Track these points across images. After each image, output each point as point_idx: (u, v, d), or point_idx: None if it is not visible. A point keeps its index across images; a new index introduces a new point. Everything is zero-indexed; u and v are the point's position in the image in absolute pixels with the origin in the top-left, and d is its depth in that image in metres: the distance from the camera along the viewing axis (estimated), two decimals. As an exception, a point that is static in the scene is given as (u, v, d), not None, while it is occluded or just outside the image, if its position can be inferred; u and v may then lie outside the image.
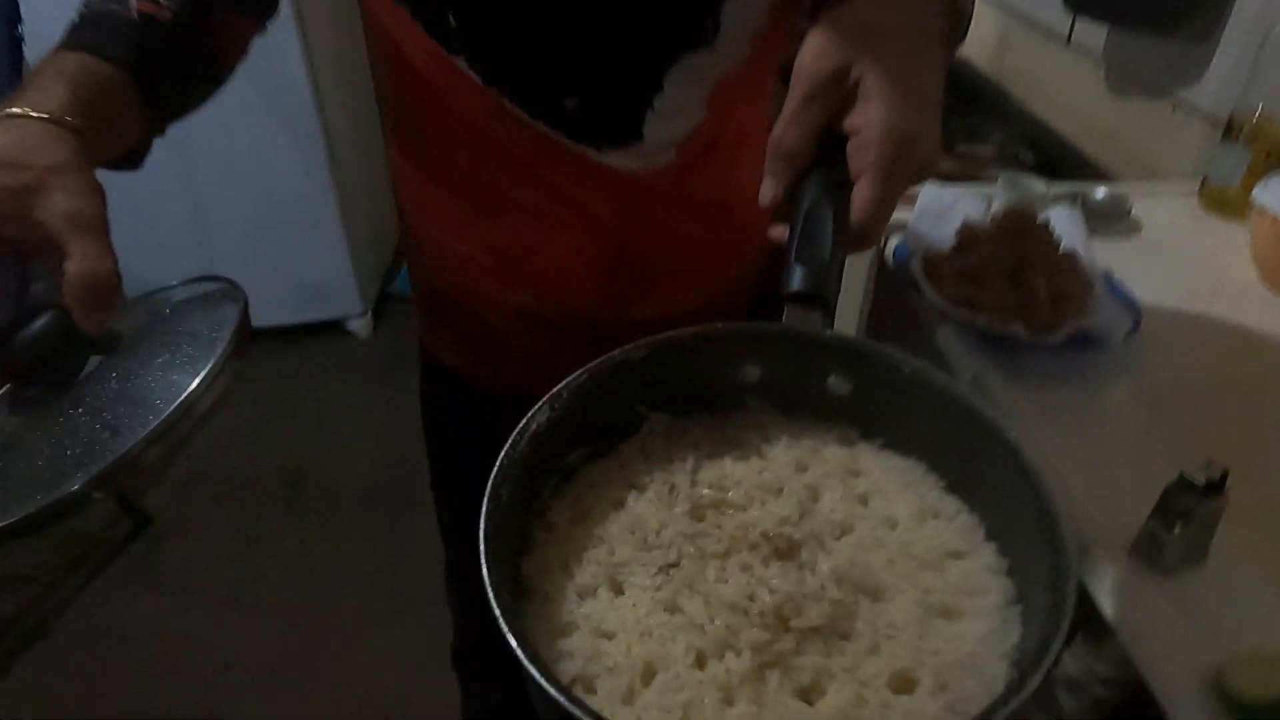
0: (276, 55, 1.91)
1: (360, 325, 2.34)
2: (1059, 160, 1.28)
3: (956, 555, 0.38)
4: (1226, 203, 0.95)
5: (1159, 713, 0.50)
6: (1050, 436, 0.65)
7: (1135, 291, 0.78)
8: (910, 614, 0.35)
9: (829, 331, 0.42)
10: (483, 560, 0.33)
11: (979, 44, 1.76)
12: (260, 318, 1.98)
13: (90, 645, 1.54)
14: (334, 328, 2.34)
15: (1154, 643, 0.51)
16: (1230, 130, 0.94)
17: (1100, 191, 0.97)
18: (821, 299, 0.41)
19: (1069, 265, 0.77)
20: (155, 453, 0.44)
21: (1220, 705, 0.46)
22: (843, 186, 0.43)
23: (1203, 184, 0.99)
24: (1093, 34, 1.35)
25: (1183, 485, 0.53)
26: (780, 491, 0.41)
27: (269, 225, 2.13)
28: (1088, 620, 0.57)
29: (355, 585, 1.65)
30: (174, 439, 0.44)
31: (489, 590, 0.32)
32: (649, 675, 0.34)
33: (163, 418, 0.42)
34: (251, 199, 2.09)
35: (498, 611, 0.31)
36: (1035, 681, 0.28)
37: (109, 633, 1.56)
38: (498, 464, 0.37)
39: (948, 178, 1.19)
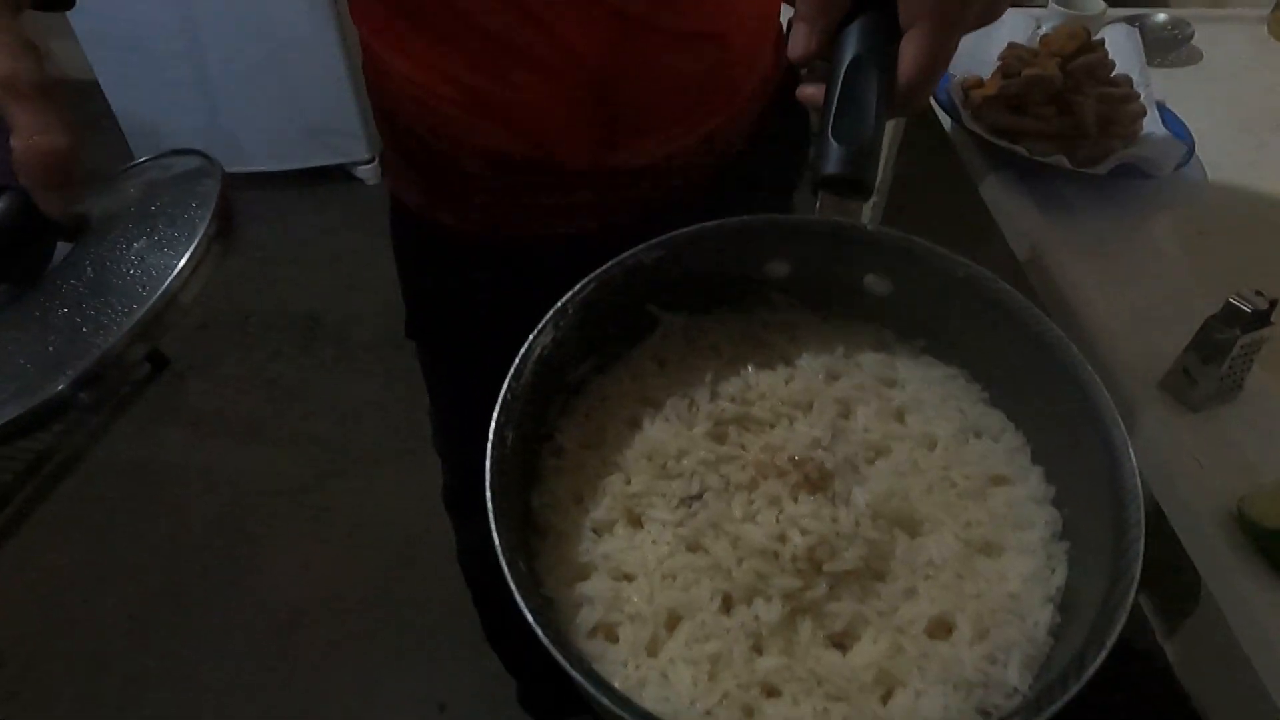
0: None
1: (368, 172, 2.24)
2: None
3: (1000, 481, 0.35)
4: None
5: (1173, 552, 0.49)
6: (1088, 271, 0.61)
7: (1192, 122, 0.71)
8: (950, 550, 0.33)
9: (874, 227, 0.37)
10: (492, 522, 0.30)
11: None
12: (268, 162, 1.91)
13: (119, 479, 1.59)
14: (342, 173, 2.23)
15: (1175, 478, 0.49)
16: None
17: (1161, 15, 0.86)
18: (862, 184, 0.34)
19: (1121, 91, 0.69)
20: (140, 348, 0.41)
21: (1239, 535, 0.46)
22: (891, 39, 0.36)
23: (1275, 10, 0.87)
24: None
25: (1228, 314, 0.50)
26: (810, 406, 0.38)
27: (272, 68, 1.97)
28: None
29: (372, 422, 1.67)
30: (159, 330, 0.40)
31: (503, 564, 0.29)
32: (673, 623, 0.32)
33: (145, 308, 0.38)
34: (253, 42, 1.92)
35: (518, 597, 0.28)
36: (1092, 669, 0.26)
37: (138, 466, 1.61)
38: (500, 401, 0.33)
39: None
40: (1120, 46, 0.73)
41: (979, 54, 0.73)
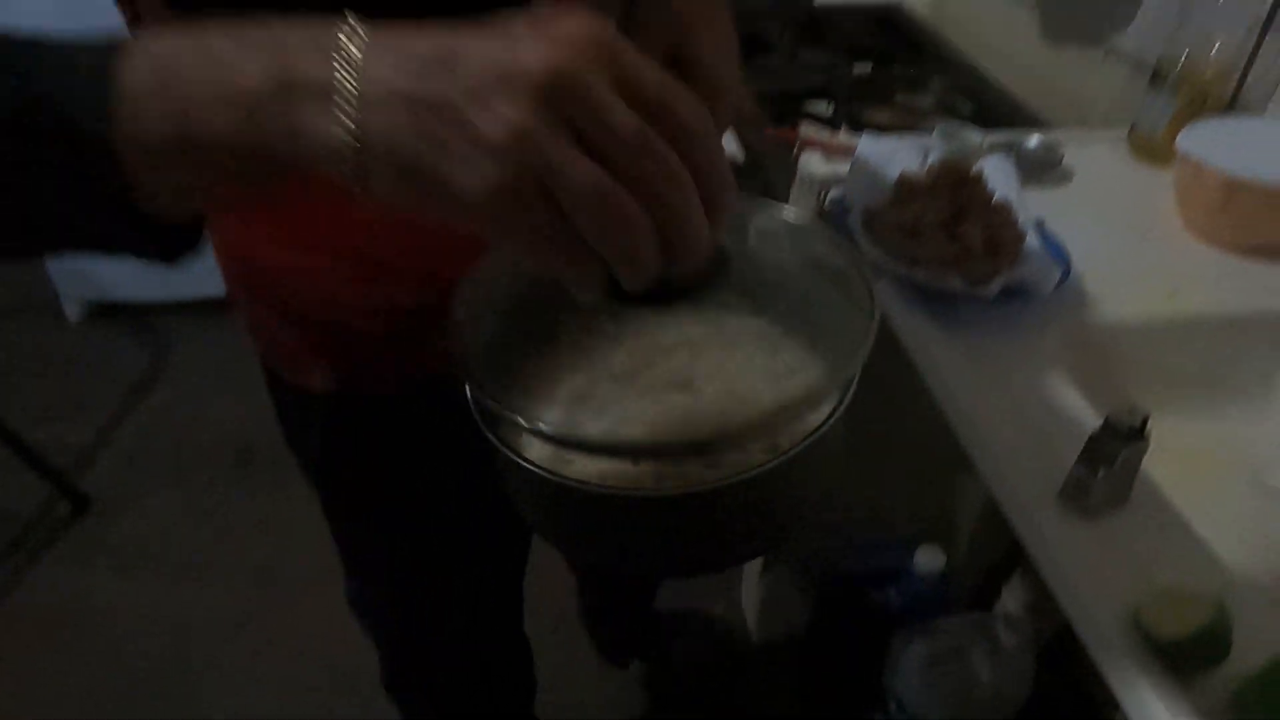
0: None
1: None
2: (996, 108, 1.29)
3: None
4: (1153, 149, 0.97)
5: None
6: (987, 389, 0.67)
7: (1067, 239, 0.79)
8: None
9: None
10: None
11: (916, -9, 1.76)
12: (204, 287, 1.94)
13: (48, 624, 1.52)
14: None
15: (1077, 582, 0.53)
16: (1156, 77, 0.96)
17: (1033, 140, 0.98)
18: None
19: (1002, 215, 0.78)
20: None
21: (1139, 641, 0.49)
22: None
23: (1131, 130, 1.00)
24: (1027, -20, 1.36)
25: (1107, 431, 0.55)
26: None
27: None
28: (1025, 563, 0.59)
29: (310, 549, 1.63)
30: None
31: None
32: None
33: None
34: None
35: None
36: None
37: (66, 610, 1.54)
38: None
39: (887, 127, 1.20)
40: (999, 174, 0.82)
41: (877, 182, 0.82)
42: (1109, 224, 0.88)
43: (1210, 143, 0.82)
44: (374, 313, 0.62)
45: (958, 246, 0.75)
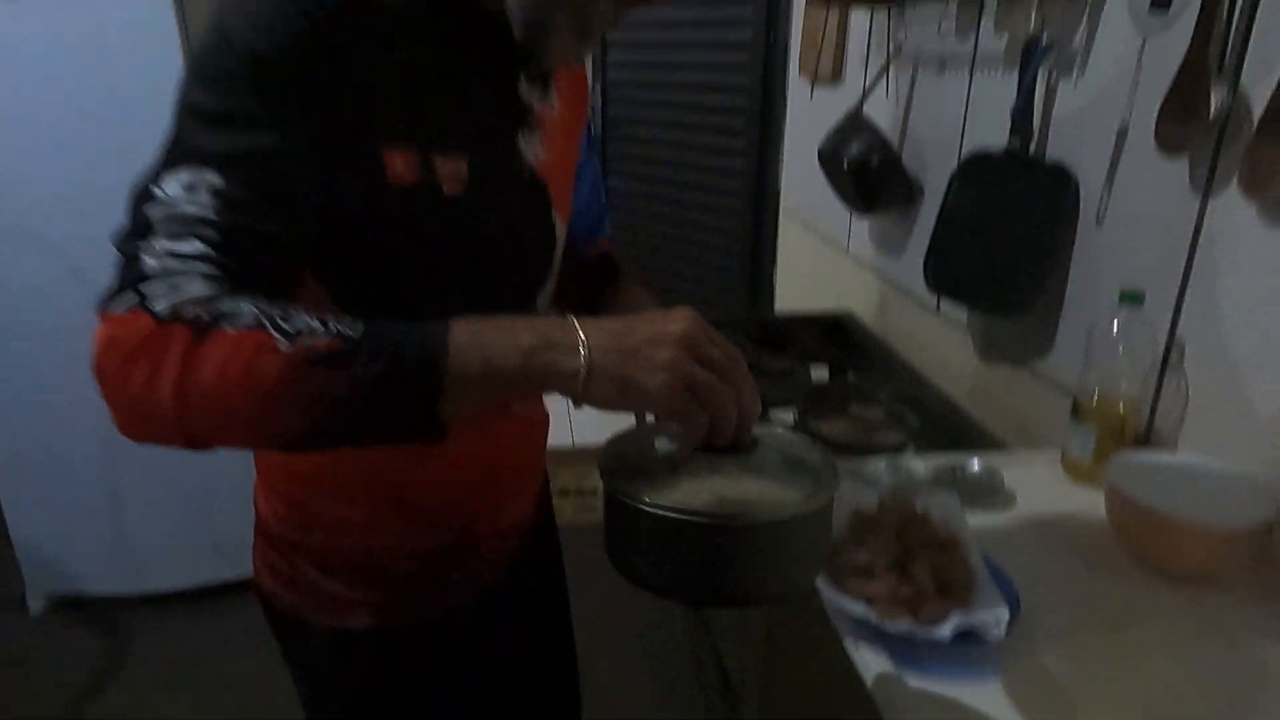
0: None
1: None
2: (942, 420, 1.40)
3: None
4: (1085, 472, 1.06)
5: None
6: None
7: (1013, 568, 0.84)
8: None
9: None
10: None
11: (864, 301, 1.97)
12: (169, 580, 1.92)
13: None
14: (243, 586, 2.26)
15: None
16: (1076, 408, 1.07)
17: (975, 465, 1.06)
18: None
19: (951, 554, 0.84)
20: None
21: None
22: None
23: (1063, 454, 1.10)
24: (957, 307, 1.54)
25: None
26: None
27: (187, 486, 2.10)
28: None
29: None
30: None
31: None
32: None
33: None
34: (171, 461, 2.07)
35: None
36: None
37: None
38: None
39: (843, 441, 1.30)
40: (944, 506, 0.89)
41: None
42: (1052, 548, 0.93)
43: (1137, 478, 0.91)
44: (411, 555, 0.82)
45: (910, 587, 0.80)
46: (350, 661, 0.84)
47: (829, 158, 1.74)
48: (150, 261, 0.54)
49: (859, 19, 1.92)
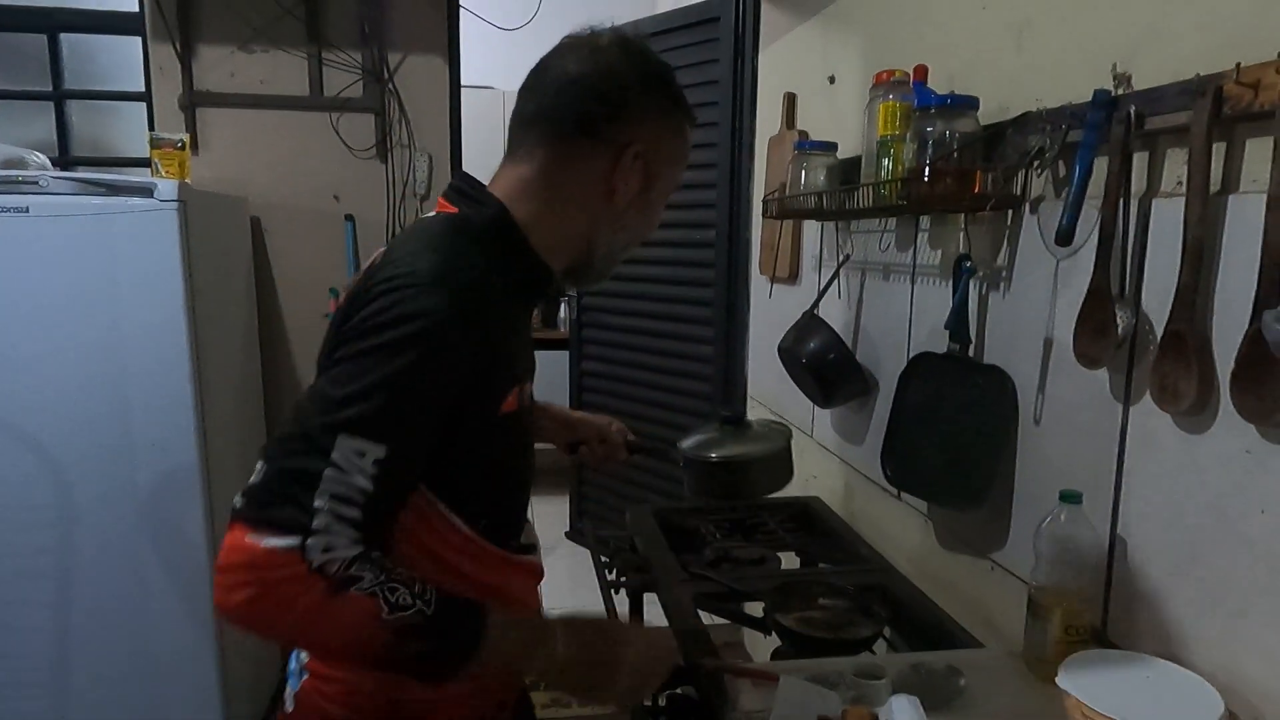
0: (177, 513, 1.98)
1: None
2: (910, 610, 1.42)
3: None
4: (1046, 669, 1.08)
5: None
6: None
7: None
8: None
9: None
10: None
11: (831, 487, 2.02)
12: None
13: None
14: None
15: None
16: (1031, 605, 1.10)
17: (938, 665, 1.08)
18: None
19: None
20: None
21: None
22: None
23: (1024, 649, 1.12)
24: (918, 499, 1.59)
25: None
26: None
27: (139, 683, 2.02)
28: None
29: None
30: None
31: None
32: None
33: None
34: (125, 656, 2.01)
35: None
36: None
37: None
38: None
39: (811, 635, 1.31)
40: (905, 715, 0.91)
41: (797, 726, 0.90)
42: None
43: (1090, 680, 0.93)
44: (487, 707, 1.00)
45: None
46: None
47: (788, 354, 1.85)
48: (317, 520, 0.71)
49: (810, 227, 2.11)
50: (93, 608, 1.97)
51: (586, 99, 0.89)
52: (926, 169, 1.30)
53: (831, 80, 2.01)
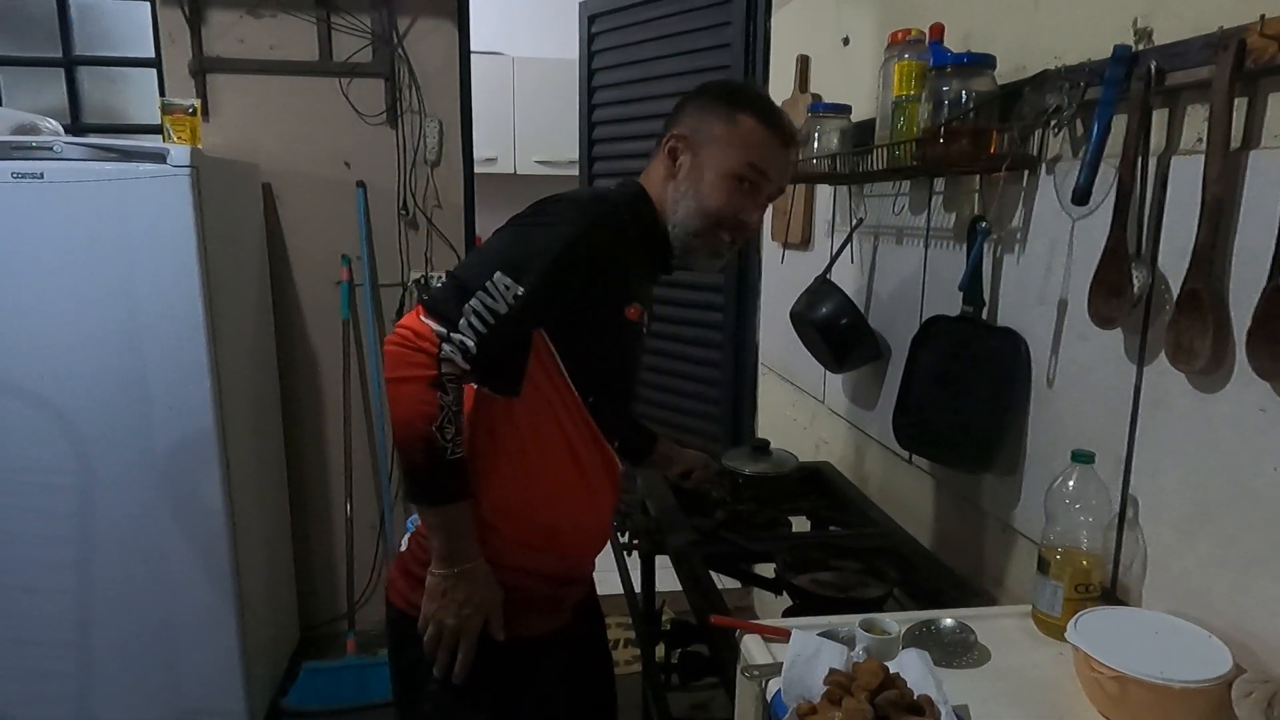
0: (195, 478, 2.01)
1: (242, 749, 2.18)
2: (920, 571, 1.43)
3: None
4: (1055, 627, 1.09)
5: None
6: None
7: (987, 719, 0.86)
8: None
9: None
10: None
11: (841, 451, 2.03)
12: None
13: None
14: None
15: None
16: (1041, 564, 1.11)
17: (948, 622, 1.09)
18: None
19: (923, 716, 0.86)
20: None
21: None
22: None
23: (1033, 608, 1.13)
24: (929, 462, 1.60)
25: None
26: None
27: (160, 653, 2.06)
28: None
29: None
30: None
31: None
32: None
33: None
34: (146, 630, 2.04)
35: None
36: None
37: None
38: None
39: (823, 595, 1.32)
40: (916, 667, 0.92)
41: (808, 680, 0.91)
42: (1023, 707, 0.95)
43: (1099, 635, 0.94)
44: (550, 578, 1.29)
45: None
46: (519, 667, 1.25)
47: (800, 319, 1.85)
48: (461, 321, 1.06)
49: (823, 192, 2.09)
50: (113, 572, 2.01)
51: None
52: (942, 129, 1.29)
53: (846, 42, 1.98)
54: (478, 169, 2.77)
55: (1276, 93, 0.90)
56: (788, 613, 1.37)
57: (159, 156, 1.88)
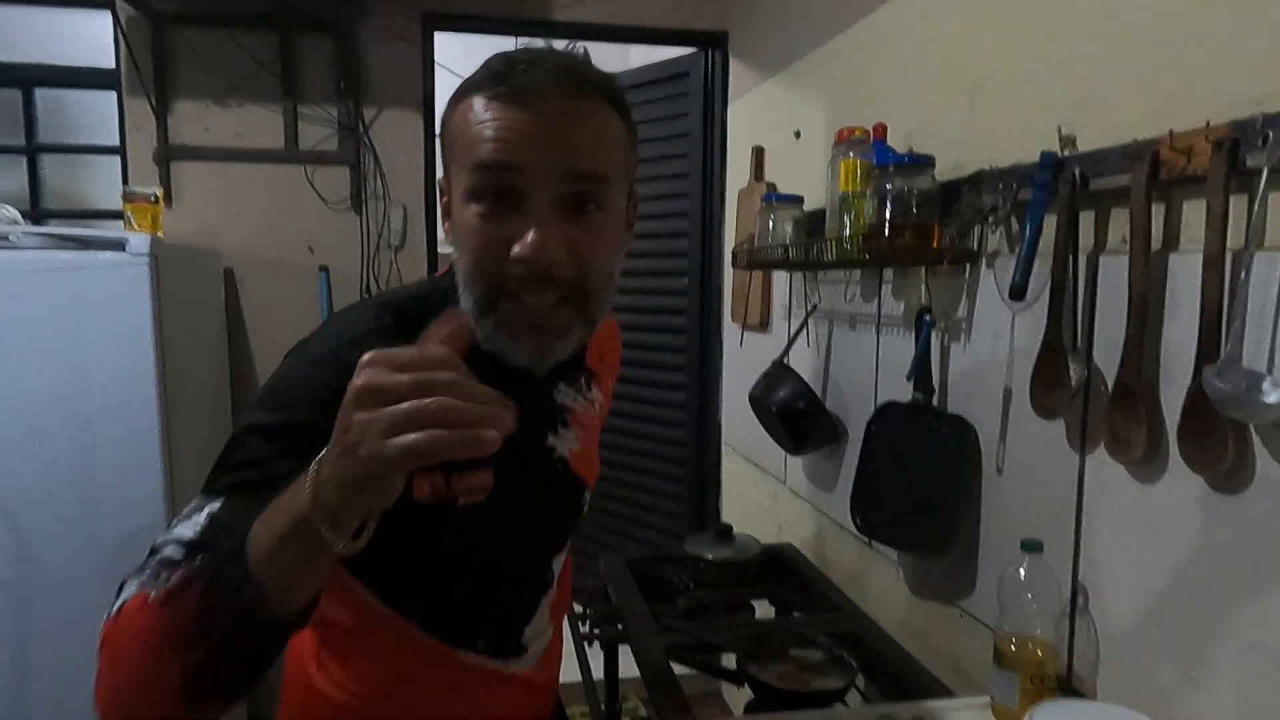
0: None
1: None
2: (882, 660, 1.42)
3: None
4: (1014, 718, 1.09)
5: None
6: None
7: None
8: None
9: None
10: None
11: (803, 533, 2.03)
12: None
13: None
14: None
15: None
16: (997, 654, 1.11)
17: (906, 714, 1.09)
18: None
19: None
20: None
21: None
22: None
23: (991, 699, 1.13)
24: (888, 547, 1.61)
25: None
26: None
27: None
28: None
29: None
30: None
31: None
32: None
33: None
34: None
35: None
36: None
37: None
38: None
39: (783, 687, 1.30)
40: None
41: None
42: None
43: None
44: None
45: None
46: None
47: (759, 403, 1.88)
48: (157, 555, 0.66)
49: (780, 276, 2.14)
50: (54, 672, 1.92)
51: None
52: (887, 225, 1.34)
53: (797, 135, 2.07)
54: (441, 251, 2.80)
55: (1190, 200, 0.95)
56: (749, 707, 1.35)
57: (118, 245, 1.88)
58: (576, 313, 0.75)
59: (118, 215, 2.28)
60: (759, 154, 2.31)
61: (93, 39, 2.49)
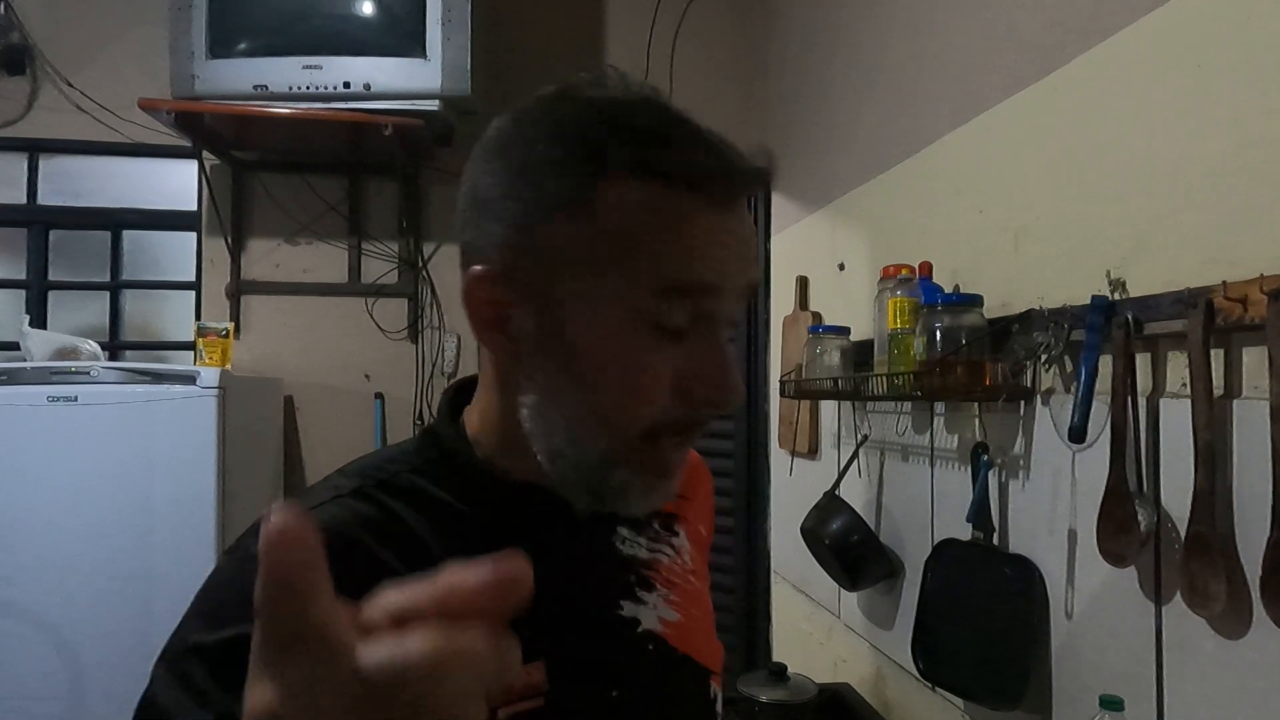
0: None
1: None
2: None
3: None
4: None
5: None
6: None
7: None
8: None
9: None
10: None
11: (860, 672, 1.94)
12: None
13: None
14: None
15: None
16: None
17: None
18: None
19: None
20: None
21: None
22: None
23: None
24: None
25: None
26: None
27: None
28: None
29: None
30: None
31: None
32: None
33: None
34: None
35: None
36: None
37: None
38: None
39: None
40: None
41: None
42: None
43: None
44: None
45: None
46: None
47: (812, 536, 1.84)
48: None
49: (828, 405, 2.15)
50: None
51: None
52: (938, 362, 1.35)
53: (841, 267, 2.11)
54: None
55: (1250, 347, 0.95)
56: None
57: (189, 379, 1.97)
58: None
59: (189, 346, 2.39)
60: (803, 284, 2.36)
61: (177, 184, 2.69)
